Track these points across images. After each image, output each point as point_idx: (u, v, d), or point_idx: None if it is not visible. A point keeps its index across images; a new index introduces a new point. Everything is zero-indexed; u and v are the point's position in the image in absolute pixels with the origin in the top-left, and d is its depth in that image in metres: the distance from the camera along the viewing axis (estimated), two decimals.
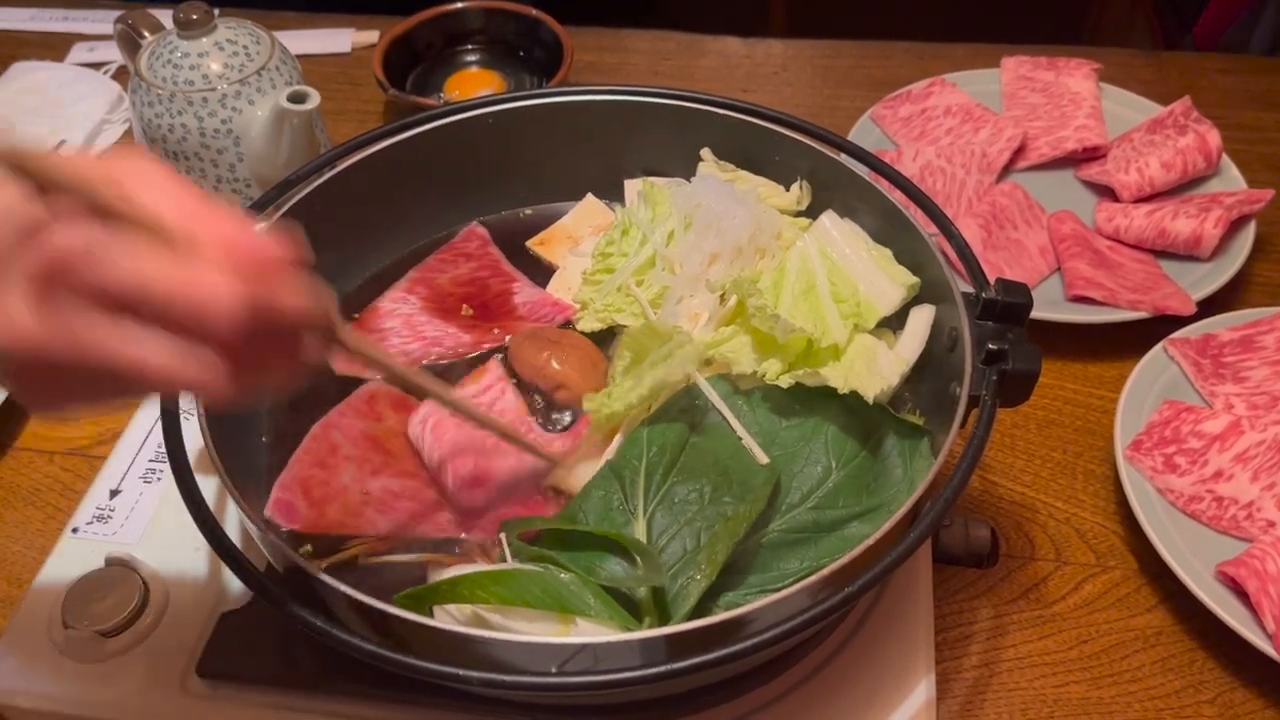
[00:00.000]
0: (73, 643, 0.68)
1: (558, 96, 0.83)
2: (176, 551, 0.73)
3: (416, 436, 0.71)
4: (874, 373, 0.65)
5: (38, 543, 0.82)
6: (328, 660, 0.65)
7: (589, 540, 0.62)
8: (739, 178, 0.82)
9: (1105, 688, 0.74)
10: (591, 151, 0.86)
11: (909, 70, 1.24)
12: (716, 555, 0.59)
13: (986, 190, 1.07)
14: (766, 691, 0.67)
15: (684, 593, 0.60)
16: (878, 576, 0.54)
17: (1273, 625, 0.71)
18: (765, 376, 0.67)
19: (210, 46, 0.98)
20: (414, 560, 0.67)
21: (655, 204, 0.81)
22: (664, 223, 0.79)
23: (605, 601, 0.58)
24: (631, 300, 0.77)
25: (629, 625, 0.58)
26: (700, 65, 1.32)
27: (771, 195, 0.81)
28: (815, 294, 0.72)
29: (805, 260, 0.73)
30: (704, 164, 0.83)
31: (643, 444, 0.66)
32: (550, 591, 0.58)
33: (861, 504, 0.65)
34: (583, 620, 0.57)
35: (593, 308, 0.78)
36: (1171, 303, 0.92)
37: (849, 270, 0.73)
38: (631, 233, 0.81)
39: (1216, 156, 1.05)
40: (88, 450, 0.89)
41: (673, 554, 0.62)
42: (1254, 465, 0.81)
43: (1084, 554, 0.81)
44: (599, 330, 0.78)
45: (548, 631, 0.57)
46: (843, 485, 0.65)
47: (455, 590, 0.59)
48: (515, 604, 0.57)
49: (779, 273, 0.74)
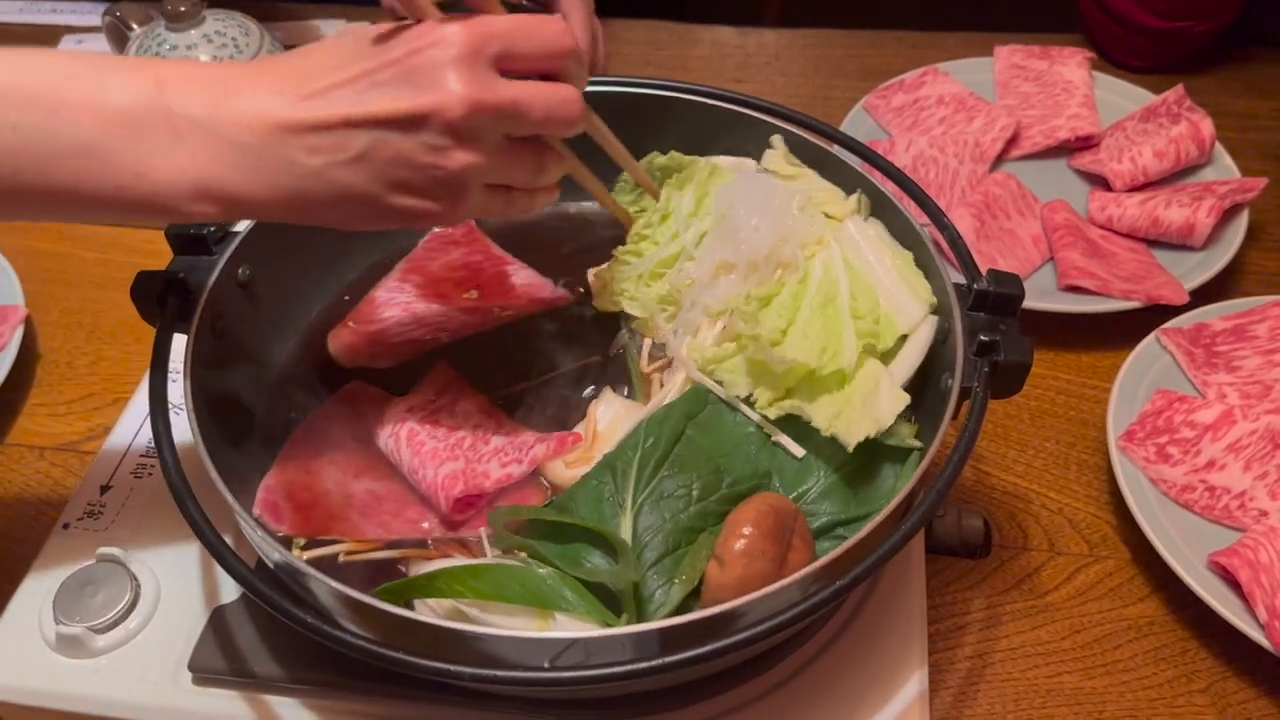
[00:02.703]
0: (64, 639, 0.67)
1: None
2: (167, 547, 0.72)
3: (389, 450, 0.70)
4: (868, 412, 0.63)
5: (28, 538, 0.81)
6: (320, 655, 0.64)
7: (575, 532, 0.62)
8: (801, 175, 0.78)
9: (1098, 678, 0.74)
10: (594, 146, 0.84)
11: (902, 59, 1.24)
12: (699, 563, 0.59)
13: (980, 180, 1.07)
14: (760, 683, 0.67)
15: (665, 596, 0.59)
16: (870, 568, 0.54)
17: (1265, 615, 0.71)
18: (755, 404, 0.66)
19: (199, 38, 0.98)
20: (395, 556, 0.66)
21: (703, 195, 0.77)
22: (703, 219, 0.76)
23: (583, 596, 0.58)
24: (647, 291, 0.76)
25: (608, 621, 0.58)
26: (693, 55, 1.32)
27: (829, 202, 0.75)
28: (835, 308, 0.69)
29: (829, 269, 0.70)
30: (770, 152, 0.79)
31: (640, 435, 0.66)
32: (528, 586, 0.58)
33: (849, 511, 0.64)
34: (561, 615, 0.57)
35: (612, 286, 0.77)
36: (1164, 292, 0.92)
37: (872, 280, 0.70)
38: (669, 221, 0.78)
39: (1209, 145, 1.05)
40: (78, 445, 0.88)
41: (654, 551, 0.61)
42: (1246, 455, 0.81)
43: (1077, 544, 0.81)
44: (610, 311, 0.77)
45: (527, 626, 0.57)
46: (828, 492, 0.65)
47: (432, 585, 0.59)
48: (493, 599, 0.57)
49: (801, 283, 0.70)
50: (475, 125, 0.54)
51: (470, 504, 0.67)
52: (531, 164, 0.60)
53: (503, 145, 0.57)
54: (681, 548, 0.61)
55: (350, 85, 0.54)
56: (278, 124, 0.53)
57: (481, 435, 0.70)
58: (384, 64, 0.54)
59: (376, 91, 0.54)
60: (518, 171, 0.60)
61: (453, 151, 0.55)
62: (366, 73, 0.54)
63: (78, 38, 1.34)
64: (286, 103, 0.54)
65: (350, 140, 0.54)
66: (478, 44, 0.54)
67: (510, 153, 0.58)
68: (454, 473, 0.67)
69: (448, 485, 0.66)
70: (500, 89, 0.55)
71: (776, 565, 0.56)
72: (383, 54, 0.54)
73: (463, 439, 0.69)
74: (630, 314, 0.76)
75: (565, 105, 0.57)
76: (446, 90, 0.53)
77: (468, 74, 0.54)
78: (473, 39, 0.54)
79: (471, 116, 0.54)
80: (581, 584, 0.60)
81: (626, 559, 0.60)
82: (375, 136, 0.54)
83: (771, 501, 0.59)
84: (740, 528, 0.57)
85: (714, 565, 0.57)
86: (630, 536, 0.62)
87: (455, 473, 0.67)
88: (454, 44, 0.54)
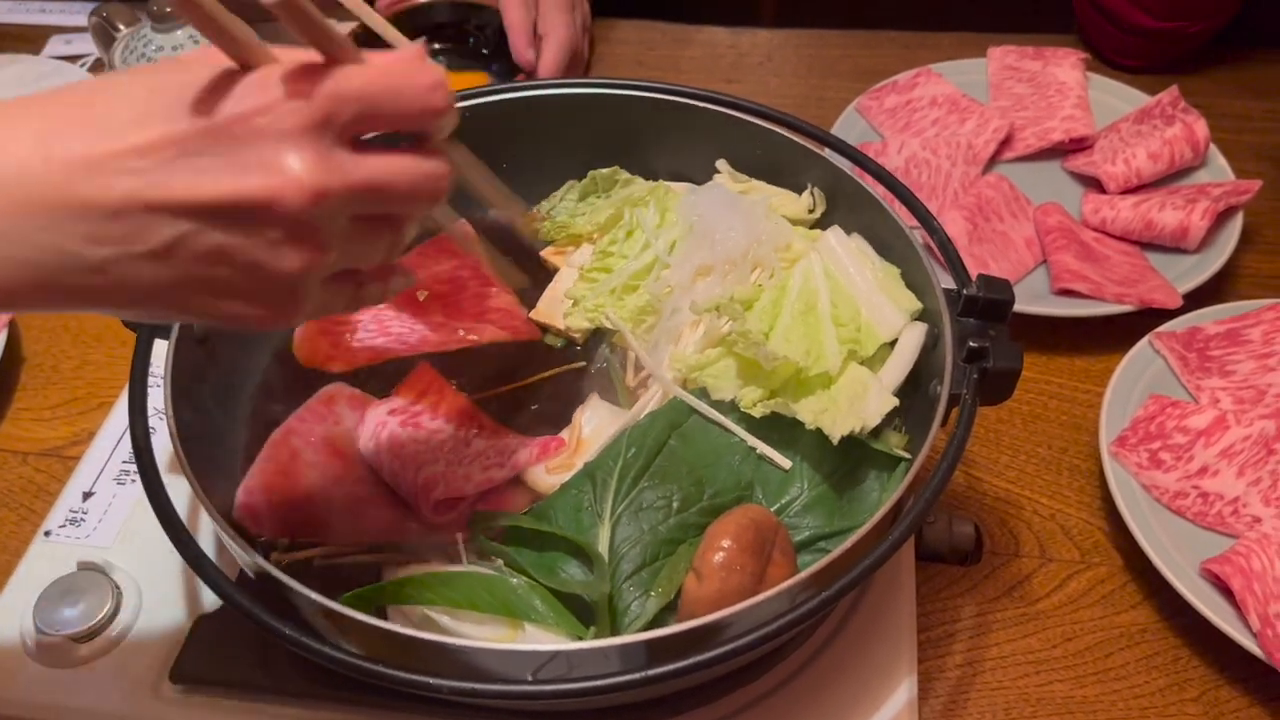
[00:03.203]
0: (44, 648, 0.67)
1: (564, 89, 0.81)
2: (150, 555, 0.72)
3: (370, 452, 0.69)
4: (854, 410, 0.63)
5: (10, 545, 0.80)
6: (303, 666, 0.64)
7: (553, 541, 0.61)
8: (752, 188, 0.79)
9: (1089, 686, 0.73)
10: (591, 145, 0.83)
11: (895, 60, 1.23)
12: (676, 575, 0.58)
13: (972, 182, 1.06)
14: (747, 692, 0.67)
15: (640, 609, 0.59)
16: (860, 576, 0.54)
17: (1257, 623, 0.70)
18: (741, 404, 0.66)
19: (185, 39, 0.97)
20: (370, 560, 0.66)
21: (665, 209, 0.79)
22: (670, 229, 0.77)
23: (553, 606, 0.58)
24: (623, 304, 0.75)
25: (577, 632, 0.58)
26: (686, 56, 1.31)
27: (784, 205, 0.78)
28: (815, 315, 0.69)
29: (809, 279, 0.71)
30: (719, 175, 0.81)
31: (621, 445, 0.65)
32: (497, 595, 0.57)
33: (832, 525, 0.64)
34: (530, 625, 0.57)
35: (584, 305, 0.77)
36: (1158, 295, 0.92)
37: (852, 291, 0.70)
38: (636, 235, 0.79)
39: (1204, 147, 1.04)
40: (62, 451, 0.88)
41: (631, 563, 0.60)
42: (1240, 461, 0.80)
43: (1068, 551, 0.81)
44: (586, 329, 0.76)
45: (497, 635, 0.57)
46: (812, 505, 0.64)
47: (401, 591, 0.58)
48: (462, 606, 0.57)
49: (780, 290, 0.71)
50: (317, 215, 0.43)
51: (451, 506, 0.67)
52: (386, 240, 0.49)
53: (348, 229, 0.46)
54: (660, 559, 0.61)
55: (153, 153, 0.40)
56: (41, 204, 0.40)
57: (463, 438, 0.69)
58: (200, 130, 0.41)
59: (188, 167, 0.41)
60: (370, 252, 0.48)
61: (286, 249, 0.43)
62: (174, 139, 0.40)
63: (66, 38, 1.33)
64: (56, 171, 0.40)
65: (148, 230, 0.41)
66: (327, 111, 0.42)
67: (358, 234, 0.46)
68: (434, 475, 0.66)
69: (427, 488, 0.66)
70: (351, 169, 0.43)
71: (755, 580, 0.56)
72: (200, 112, 0.41)
73: (444, 442, 0.68)
74: (609, 328, 0.75)
75: (430, 182, 0.46)
76: (283, 174, 0.41)
77: (311, 152, 0.42)
78: (321, 105, 0.42)
79: (314, 207, 0.42)
80: (555, 594, 0.59)
81: (601, 570, 0.59)
82: (184, 228, 0.41)
83: (753, 515, 0.58)
84: (719, 540, 0.56)
85: (692, 578, 0.56)
86: (608, 547, 0.61)
87: (435, 475, 0.66)
88: (295, 112, 0.41)
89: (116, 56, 0.98)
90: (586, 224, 0.81)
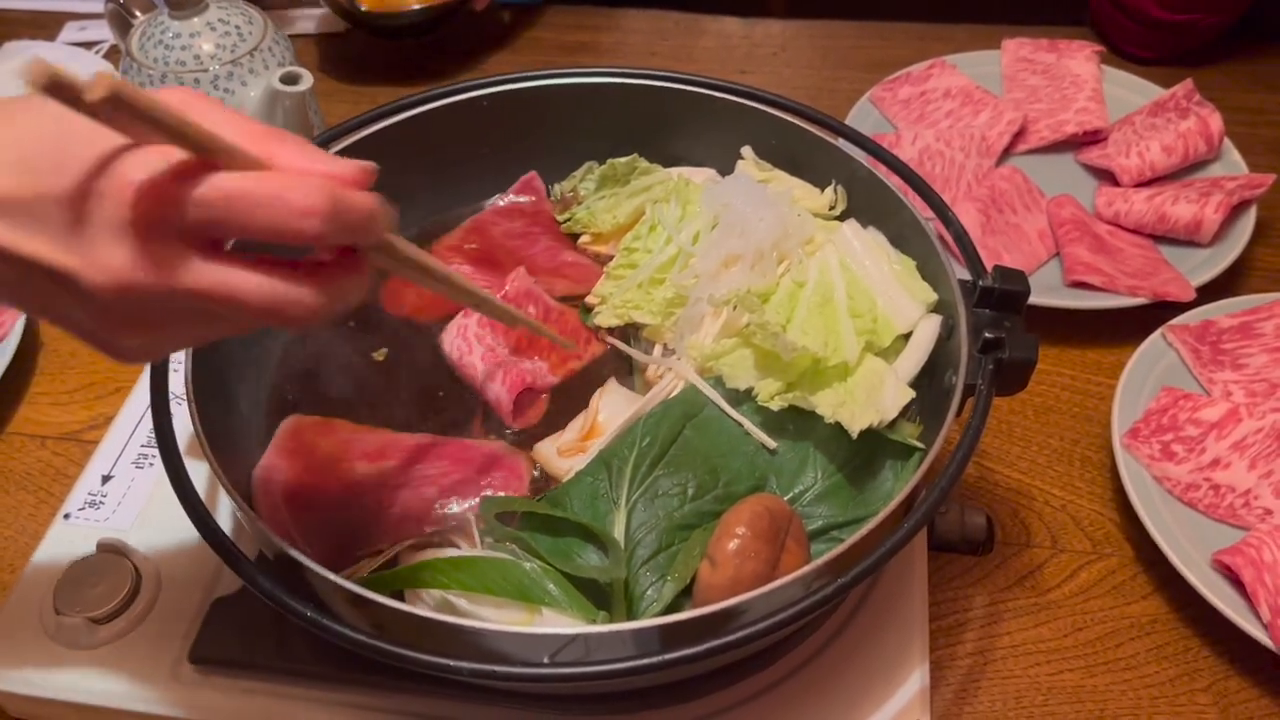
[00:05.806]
0: (64, 629, 0.67)
1: (571, 78, 0.82)
2: (169, 537, 0.72)
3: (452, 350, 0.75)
4: (872, 403, 0.63)
5: (29, 528, 0.81)
6: (320, 647, 0.64)
7: (568, 527, 0.62)
8: (775, 178, 0.80)
9: (1099, 675, 0.74)
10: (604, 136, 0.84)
11: (909, 51, 1.23)
12: (691, 561, 0.58)
13: (986, 174, 1.06)
14: (761, 679, 0.67)
15: (656, 594, 0.59)
16: (874, 565, 0.54)
17: (1268, 614, 0.71)
18: (759, 397, 0.66)
19: (202, 26, 0.97)
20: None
21: (686, 202, 0.79)
22: (692, 222, 0.78)
23: (567, 591, 0.58)
24: (650, 298, 0.76)
25: (591, 616, 0.58)
26: (698, 46, 1.31)
27: (806, 198, 0.78)
28: (832, 307, 0.69)
29: (825, 271, 0.71)
30: (742, 163, 0.81)
31: (636, 434, 0.65)
32: (511, 579, 0.58)
33: (845, 514, 0.64)
34: (546, 610, 0.57)
35: (611, 303, 0.77)
36: (1171, 288, 0.92)
37: (868, 283, 0.71)
38: (659, 229, 0.79)
39: (1218, 140, 1.04)
40: (80, 435, 0.88)
41: (647, 548, 0.61)
42: (1251, 453, 0.81)
43: (1080, 541, 0.81)
44: (616, 326, 0.77)
45: (514, 619, 0.57)
46: (825, 494, 0.65)
47: (417, 576, 0.59)
48: (477, 590, 0.57)
49: (796, 283, 0.72)
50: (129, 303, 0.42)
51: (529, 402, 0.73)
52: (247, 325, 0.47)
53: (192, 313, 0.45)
54: (675, 545, 0.61)
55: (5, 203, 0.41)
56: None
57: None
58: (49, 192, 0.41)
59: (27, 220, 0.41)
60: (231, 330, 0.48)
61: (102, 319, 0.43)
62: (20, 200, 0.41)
63: (80, 24, 1.34)
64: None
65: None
66: (161, 210, 0.40)
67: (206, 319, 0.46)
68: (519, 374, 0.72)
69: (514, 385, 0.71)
70: (183, 273, 0.42)
71: (769, 567, 0.56)
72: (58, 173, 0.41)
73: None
74: (640, 322, 0.76)
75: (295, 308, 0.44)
76: (93, 261, 0.41)
77: (136, 246, 0.40)
78: (157, 203, 0.40)
79: (117, 298, 0.41)
80: (569, 579, 0.59)
81: (616, 555, 0.60)
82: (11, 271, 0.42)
83: (767, 503, 0.58)
84: (734, 528, 0.56)
85: (706, 565, 0.56)
86: (623, 533, 0.62)
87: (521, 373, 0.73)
88: (127, 203, 0.40)
89: (134, 44, 0.98)
90: (610, 219, 0.82)
